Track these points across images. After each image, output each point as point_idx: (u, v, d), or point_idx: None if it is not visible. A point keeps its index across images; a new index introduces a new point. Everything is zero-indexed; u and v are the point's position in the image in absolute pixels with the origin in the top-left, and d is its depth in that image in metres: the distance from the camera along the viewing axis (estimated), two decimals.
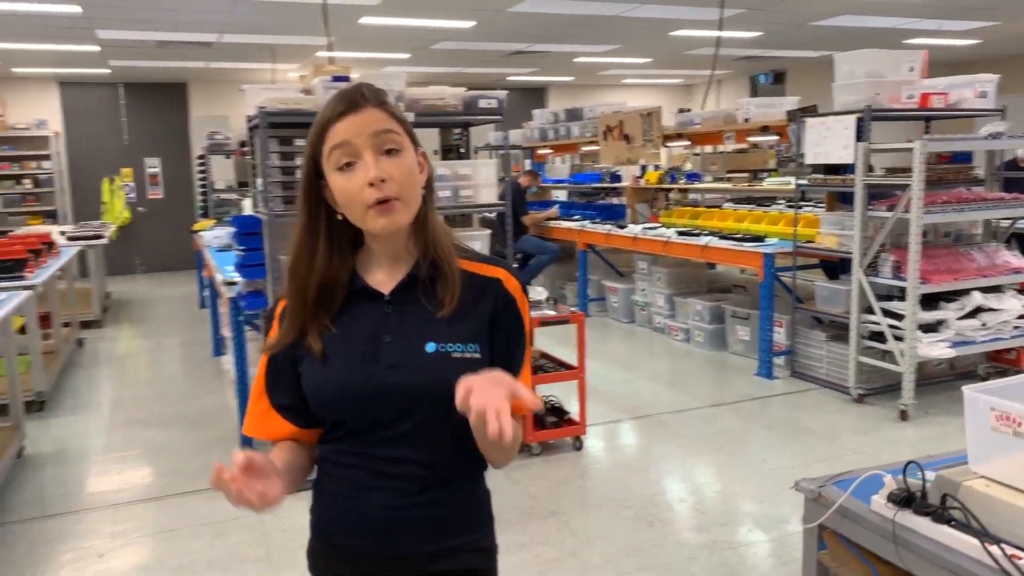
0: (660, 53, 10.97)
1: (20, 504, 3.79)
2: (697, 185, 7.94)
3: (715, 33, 7.97)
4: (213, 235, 6.78)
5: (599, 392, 5.31)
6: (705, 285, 7.30)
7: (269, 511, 1.10)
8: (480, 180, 4.10)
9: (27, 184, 11.33)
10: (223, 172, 10.37)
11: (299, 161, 3.85)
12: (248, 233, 4.11)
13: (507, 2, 7.29)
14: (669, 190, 8.08)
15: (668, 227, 7.06)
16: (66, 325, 6.83)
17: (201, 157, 10.40)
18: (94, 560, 3.22)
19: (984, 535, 1.54)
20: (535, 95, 14.62)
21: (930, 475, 1.73)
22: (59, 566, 3.18)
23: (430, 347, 1.22)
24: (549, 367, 4.43)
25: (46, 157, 11.33)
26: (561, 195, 10.58)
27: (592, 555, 3.17)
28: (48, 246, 6.11)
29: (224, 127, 10.75)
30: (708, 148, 9.99)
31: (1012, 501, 1.58)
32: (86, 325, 7.77)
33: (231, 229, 6.86)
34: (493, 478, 1.35)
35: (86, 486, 4.01)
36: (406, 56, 10.48)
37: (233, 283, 4.48)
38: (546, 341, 4.97)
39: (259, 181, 3.93)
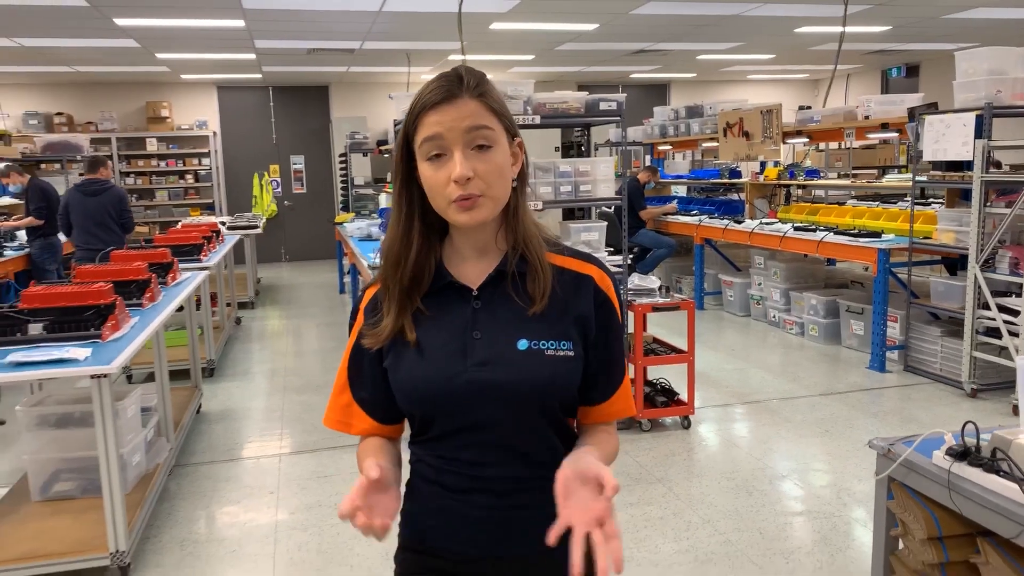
0: (784, 49, 10.93)
1: (201, 449, 4.48)
2: (816, 181, 7.98)
3: (840, 29, 7.97)
4: (355, 226, 7.45)
5: (710, 379, 5.57)
6: (822, 281, 7.36)
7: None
8: (598, 176, 4.46)
9: (189, 179, 12.55)
10: (361, 169, 11.18)
11: None
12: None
13: (629, 5, 7.58)
14: (788, 186, 8.16)
15: (785, 222, 7.18)
16: (227, 305, 7.69)
17: (342, 155, 11.24)
18: (266, 495, 3.83)
19: (1005, 473, 1.80)
20: (657, 92, 14.76)
21: (986, 436, 1.98)
22: (239, 498, 3.81)
23: (522, 344, 1.19)
24: (660, 351, 4.75)
25: (205, 155, 12.51)
26: (681, 191, 10.75)
27: (693, 515, 3.49)
28: (216, 234, 6.93)
29: (362, 127, 11.57)
30: (833, 144, 9.94)
31: None
32: (242, 306, 8.67)
33: (372, 220, 7.53)
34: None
35: (254, 438, 4.67)
36: (531, 57, 10.93)
37: (375, 267, 5.04)
38: (658, 327, 5.28)
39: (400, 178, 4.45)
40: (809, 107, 8.00)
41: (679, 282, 8.98)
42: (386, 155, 10.39)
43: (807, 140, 7.56)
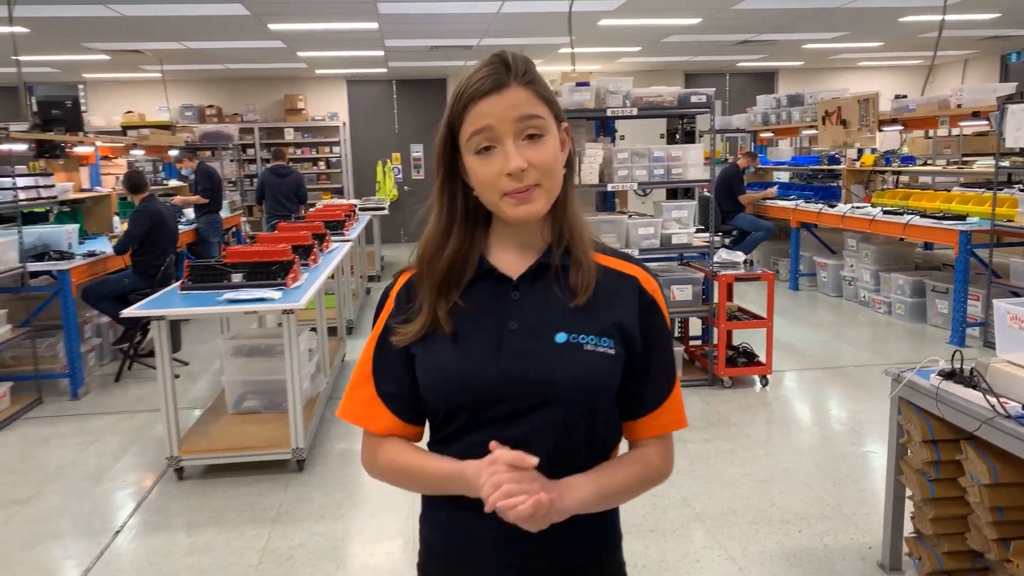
0: (892, 37, 11.04)
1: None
2: (910, 168, 8.23)
3: (946, 17, 8.16)
4: None
5: (796, 349, 6.08)
6: (913, 263, 7.65)
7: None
8: (688, 160, 5.07)
9: (321, 166, 13.77)
10: None
11: None
12: None
13: (730, 0, 8.06)
14: (883, 172, 8.44)
15: (876, 206, 7.52)
16: (360, 277, 8.69)
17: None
18: None
19: (989, 392, 2.37)
20: (765, 79, 14.96)
21: (971, 364, 2.54)
22: None
23: (560, 337, 1.12)
24: (742, 317, 5.32)
25: (336, 143, 13.69)
26: (784, 177, 11.07)
27: (759, 450, 4.10)
28: (353, 213, 7.91)
29: None
30: (942, 132, 10.03)
31: (1015, 373, 2.37)
32: (370, 279, 9.69)
33: None
34: (691, 396, 2.19)
35: None
36: (637, 49, 11.47)
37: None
38: (751, 302, 5.84)
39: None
40: (906, 96, 8.22)
41: (776, 264, 9.38)
42: None
43: (902, 128, 7.84)
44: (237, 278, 4.02)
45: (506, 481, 1.02)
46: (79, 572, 3.09)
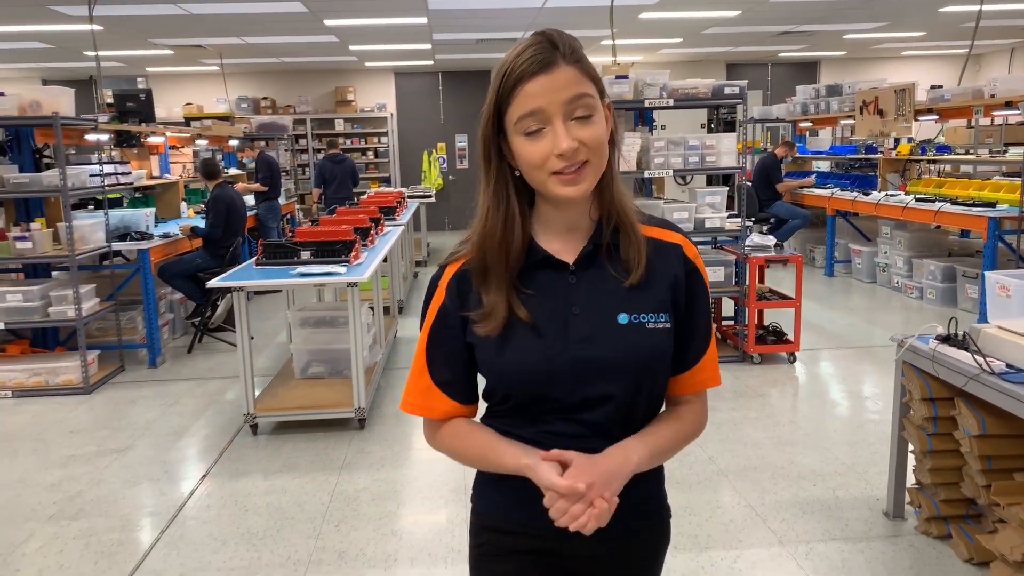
0: (934, 26, 11.09)
1: (398, 360, 5.82)
2: (945, 156, 8.38)
3: (984, 7, 8.27)
4: None
5: (825, 330, 6.34)
6: (946, 250, 7.82)
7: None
8: (721, 149, 5.37)
9: (369, 155, 14.25)
10: None
11: None
12: None
13: None
14: (919, 161, 8.59)
15: (909, 194, 7.70)
16: (409, 262, 9.13)
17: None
18: None
19: (978, 352, 2.67)
20: (807, 69, 15.03)
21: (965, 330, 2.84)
22: None
23: (623, 318, 1.16)
24: (772, 297, 5.60)
25: (384, 134, 14.16)
26: (824, 165, 11.23)
27: (782, 418, 4.41)
28: (402, 200, 8.33)
29: None
30: (984, 121, 10.11)
31: (1001, 336, 2.67)
32: (417, 264, 10.13)
33: None
34: (722, 372, 2.50)
35: None
36: (678, 40, 11.70)
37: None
38: (785, 286, 6.12)
39: None
40: (941, 86, 8.35)
41: (812, 251, 9.59)
42: None
43: (937, 117, 7.99)
44: (305, 255, 4.45)
45: (566, 510, 1.07)
46: (175, 507, 3.55)
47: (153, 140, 7.61)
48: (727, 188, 5.66)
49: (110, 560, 3.10)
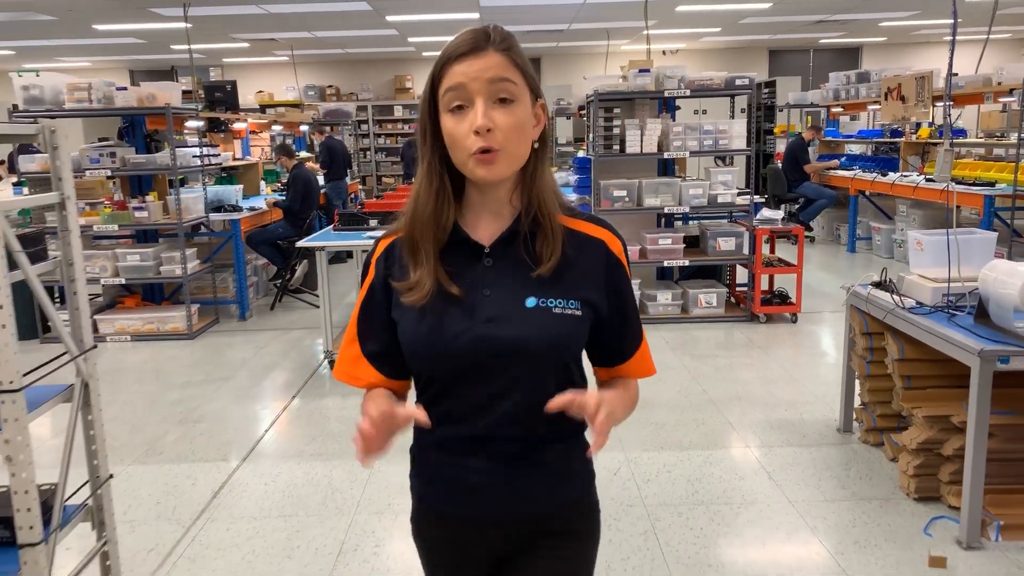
0: (964, 14, 11.48)
1: None
2: (962, 140, 8.91)
3: None
4: (557, 176, 9.47)
5: (831, 296, 7.02)
6: (959, 226, 8.38)
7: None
8: (733, 133, 6.10)
9: None
10: (564, 130, 13.17)
11: (616, 123, 6.19)
12: (583, 167, 6.58)
13: None
14: (937, 144, 9.13)
15: (922, 175, 8.29)
16: None
17: (550, 118, 13.30)
18: None
19: (896, 293, 3.43)
20: (849, 55, 15.42)
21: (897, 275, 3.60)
22: None
23: (530, 302, 1.19)
24: (776, 264, 6.33)
25: None
26: (856, 148, 11.76)
27: (773, 363, 5.18)
28: None
29: (567, 94, 13.53)
30: (996, 106, 10.53)
31: (915, 280, 3.43)
32: None
33: (570, 170, 9.50)
34: (732, 329, 3.12)
35: None
36: (718, 29, 12.31)
37: (571, 201, 7.02)
38: (808, 260, 6.82)
39: (590, 136, 6.35)
40: (956, 74, 8.83)
41: (838, 229, 10.19)
42: (584, 119, 12.29)
43: (952, 103, 8.52)
44: (373, 222, 5.37)
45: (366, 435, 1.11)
46: (273, 416, 4.51)
47: (237, 126, 8.63)
48: (737, 168, 6.37)
49: (228, 448, 4.07)
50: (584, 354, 1.30)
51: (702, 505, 3.30)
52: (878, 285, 3.61)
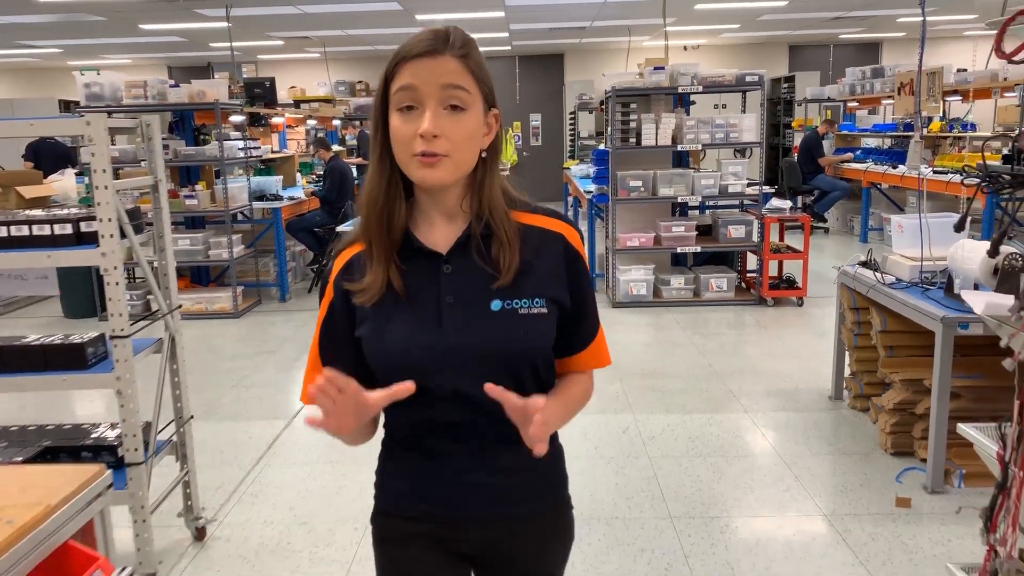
0: (980, 9, 11.70)
1: None
2: (969, 133, 9.20)
3: None
4: (578, 169, 9.87)
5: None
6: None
7: (340, 437, 1.16)
8: (743, 127, 6.47)
9: None
10: (587, 124, 13.56)
11: (632, 118, 6.59)
12: (601, 159, 6.99)
13: None
14: (946, 137, 9.42)
15: (930, 168, 8.60)
16: None
17: (572, 112, 13.70)
18: None
19: (877, 270, 3.82)
20: (870, 50, 15.63)
21: (882, 256, 3.98)
22: None
23: (495, 305, 1.18)
24: (785, 250, 6.70)
25: None
26: (871, 142, 12.03)
27: (776, 341, 5.56)
28: None
29: (589, 89, 13.92)
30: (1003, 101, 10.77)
31: (895, 259, 3.81)
32: None
33: (590, 161, 9.89)
34: (741, 312, 3.49)
35: None
36: (736, 26, 12.62)
37: (589, 191, 7.43)
38: (821, 250, 7.19)
39: (609, 129, 6.76)
40: (965, 69, 9.12)
41: (851, 220, 10.50)
42: (603, 114, 12.69)
43: (961, 98, 8.82)
44: None
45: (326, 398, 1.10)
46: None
47: (275, 120, 9.13)
48: (747, 159, 6.75)
49: (277, 409, 4.55)
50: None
51: (700, 457, 3.71)
52: (864, 264, 4.00)
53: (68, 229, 2.49)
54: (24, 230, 2.49)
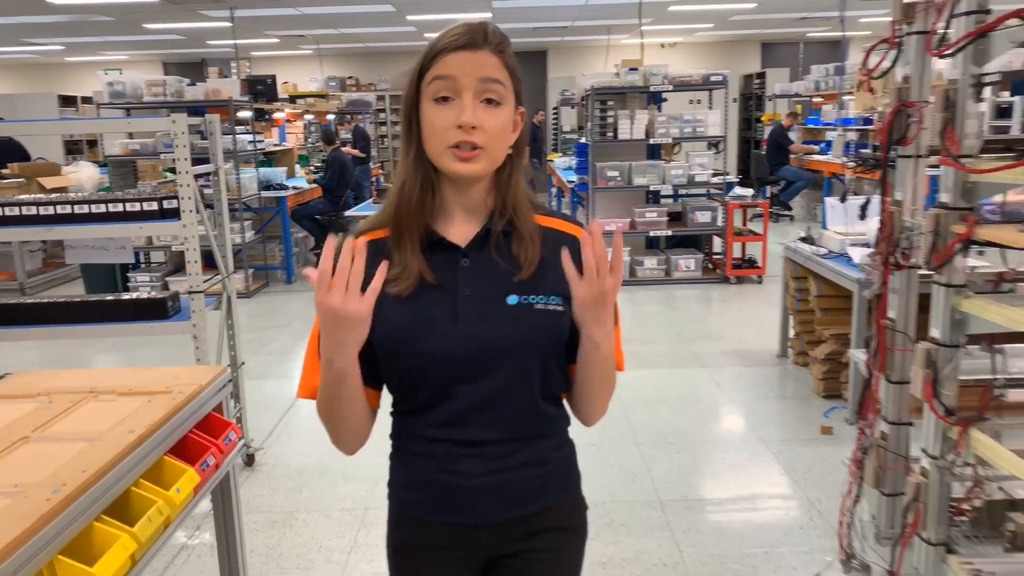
0: None
1: None
2: None
3: None
4: (561, 161, 10.54)
5: None
6: None
7: (344, 322, 1.08)
8: (709, 122, 7.18)
9: None
10: (569, 119, 14.24)
11: (610, 114, 7.26)
12: (581, 151, 7.67)
13: None
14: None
15: None
16: None
17: (555, 108, 14.37)
18: None
19: (812, 243, 4.53)
20: (836, 48, 16.38)
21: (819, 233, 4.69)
22: None
23: (512, 299, 1.19)
24: (745, 233, 7.41)
25: None
26: (833, 136, 12.79)
27: (736, 312, 6.28)
28: None
29: (571, 85, 14.58)
30: None
31: (828, 234, 4.53)
32: None
33: (572, 154, 10.56)
34: (708, 290, 4.16)
35: None
36: (710, 25, 13.33)
37: (571, 181, 8.10)
38: (785, 235, 7.91)
39: (588, 124, 7.43)
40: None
41: (814, 208, 11.25)
42: (584, 110, 13.38)
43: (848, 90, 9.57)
44: None
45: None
46: None
47: (277, 115, 9.73)
48: (714, 152, 7.46)
49: (297, 371, 5.17)
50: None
51: (663, 401, 4.41)
52: (804, 240, 4.70)
53: (154, 206, 3.13)
54: (119, 207, 3.13)
